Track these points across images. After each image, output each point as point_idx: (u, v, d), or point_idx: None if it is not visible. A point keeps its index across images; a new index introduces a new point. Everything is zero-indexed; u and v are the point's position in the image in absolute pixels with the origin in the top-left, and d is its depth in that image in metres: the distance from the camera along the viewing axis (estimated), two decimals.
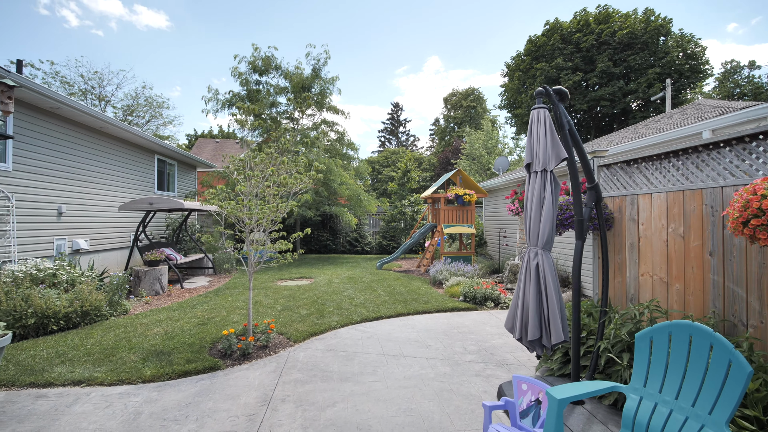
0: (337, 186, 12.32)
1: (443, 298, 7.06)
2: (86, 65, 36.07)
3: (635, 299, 3.53)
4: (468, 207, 10.14)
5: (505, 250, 10.51)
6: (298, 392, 3.44)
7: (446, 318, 5.96)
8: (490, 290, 6.86)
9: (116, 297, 5.78)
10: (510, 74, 24.68)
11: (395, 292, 7.62)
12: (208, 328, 5.22)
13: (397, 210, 15.28)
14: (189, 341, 4.66)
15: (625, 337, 2.92)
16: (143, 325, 5.33)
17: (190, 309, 6.24)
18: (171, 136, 32.28)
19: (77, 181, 7.77)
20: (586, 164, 2.97)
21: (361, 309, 6.29)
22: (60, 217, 7.25)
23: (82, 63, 28.99)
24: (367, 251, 15.59)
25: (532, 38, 22.48)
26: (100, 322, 5.42)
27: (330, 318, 5.75)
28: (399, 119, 48.98)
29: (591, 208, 3.14)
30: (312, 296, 7.19)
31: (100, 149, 8.48)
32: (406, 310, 6.25)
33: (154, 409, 3.13)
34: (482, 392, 3.42)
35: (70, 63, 34.76)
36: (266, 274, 9.75)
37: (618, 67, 18.91)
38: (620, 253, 3.71)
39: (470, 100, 39.71)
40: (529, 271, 2.66)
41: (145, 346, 4.48)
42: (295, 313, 5.98)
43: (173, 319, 5.64)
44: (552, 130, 2.72)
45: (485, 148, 24.05)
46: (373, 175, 34.10)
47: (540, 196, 2.65)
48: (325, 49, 12.81)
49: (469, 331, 5.29)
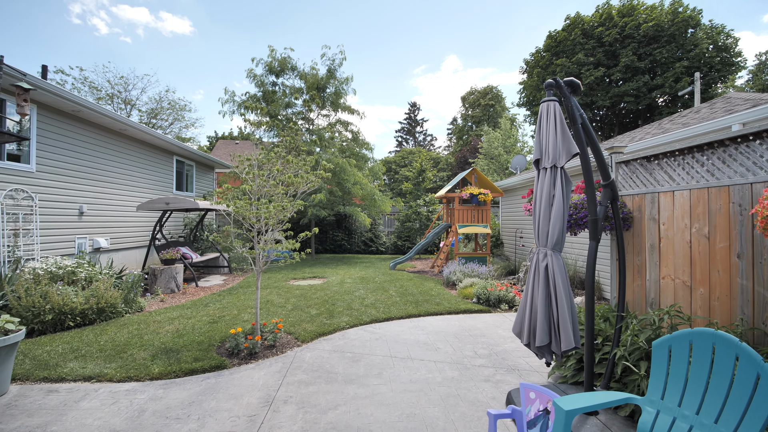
0: (351, 186, 12.30)
1: (456, 300, 6.91)
2: (113, 70, 37.60)
3: (655, 304, 3.32)
4: (483, 207, 9.92)
5: (521, 251, 10.24)
6: (301, 393, 3.39)
7: (458, 320, 5.82)
8: (504, 292, 6.67)
9: (131, 295, 5.90)
10: (529, 71, 24.13)
11: (407, 292, 7.51)
12: (218, 326, 5.25)
13: (412, 210, 15.15)
14: (198, 339, 4.70)
15: (644, 345, 2.73)
16: (156, 322, 5.41)
17: (203, 307, 6.32)
18: (192, 138, 33.17)
19: (98, 181, 8.01)
20: (600, 160, 2.80)
21: (371, 310, 6.21)
22: (81, 216, 7.48)
23: (108, 68, 30.01)
24: (381, 251, 15.54)
25: (552, 33, 21.90)
26: (115, 318, 5.54)
27: (339, 318, 5.70)
28: (416, 119, 48.74)
29: (606, 206, 2.96)
30: (323, 296, 7.17)
31: (120, 151, 8.73)
32: (417, 312, 6.14)
33: (158, 407, 3.14)
34: (490, 399, 3.28)
35: (97, 69, 36.18)
36: (279, 273, 9.82)
37: (643, 62, 18.17)
38: (640, 255, 3.50)
39: (488, 98, 39.09)
40: (537, 273, 2.52)
41: (156, 344, 4.53)
42: (304, 313, 5.96)
43: (185, 317, 5.71)
44: (563, 123, 2.57)
45: (504, 147, 23.60)
46: (389, 175, 34.03)
47: (549, 194, 2.51)
48: (340, 49, 12.82)
49: (480, 334, 5.13)
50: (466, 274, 8.32)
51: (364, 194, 12.90)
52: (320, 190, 11.73)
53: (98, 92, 27.10)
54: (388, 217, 17.00)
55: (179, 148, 10.98)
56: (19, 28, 36.64)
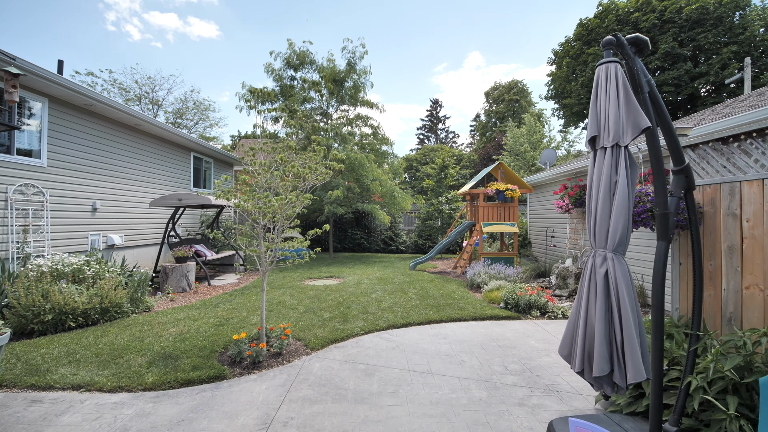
0: (369, 182, 11.85)
1: (481, 304, 6.34)
2: (140, 72, 38.69)
3: (735, 319, 2.68)
4: (510, 204, 9.25)
5: (552, 252, 9.50)
6: (304, 414, 2.95)
7: (484, 328, 5.26)
8: (536, 297, 6.05)
9: (138, 294, 5.66)
10: (558, 62, 22.94)
11: (428, 295, 6.99)
12: (224, 329, 4.91)
13: (433, 207, 14.55)
14: (201, 344, 4.36)
15: (731, 375, 2.13)
16: (161, 324, 5.13)
17: (212, 308, 6.02)
18: (216, 138, 33.61)
19: (112, 177, 7.89)
20: (671, 138, 2.21)
21: (388, 314, 5.74)
22: (95, 212, 7.37)
23: (136, 70, 30.82)
24: (401, 250, 15.02)
25: (583, 21, 20.68)
26: (120, 319, 5.30)
27: (354, 323, 5.26)
28: (438, 116, 47.83)
29: (679, 198, 2.36)
30: (338, 297, 6.75)
31: (135, 146, 8.61)
32: (438, 317, 5.62)
33: (143, 426, 2.77)
34: (527, 430, 2.74)
35: (126, 71, 37.13)
36: (295, 273, 9.49)
37: (685, 48, 16.79)
38: (712, 259, 2.86)
39: (513, 93, 37.78)
40: (593, 283, 1.97)
41: (156, 348, 4.22)
42: (317, 316, 5.56)
43: (192, 318, 5.42)
44: (627, 90, 2.00)
45: (530, 143, 22.56)
46: (410, 173, 33.44)
47: (610, 181, 1.95)
48: (361, 42, 12.36)
49: (510, 345, 4.57)
50: (492, 276, 7.72)
51: (383, 191, 12.43)
52: (337, 186, 11.33)
53: (127, 93, 27.83)
54: (408, 215, 16.46)
55: (197, 145, 10.84)
56: (57, 35, 38.48)
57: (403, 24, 66.84)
